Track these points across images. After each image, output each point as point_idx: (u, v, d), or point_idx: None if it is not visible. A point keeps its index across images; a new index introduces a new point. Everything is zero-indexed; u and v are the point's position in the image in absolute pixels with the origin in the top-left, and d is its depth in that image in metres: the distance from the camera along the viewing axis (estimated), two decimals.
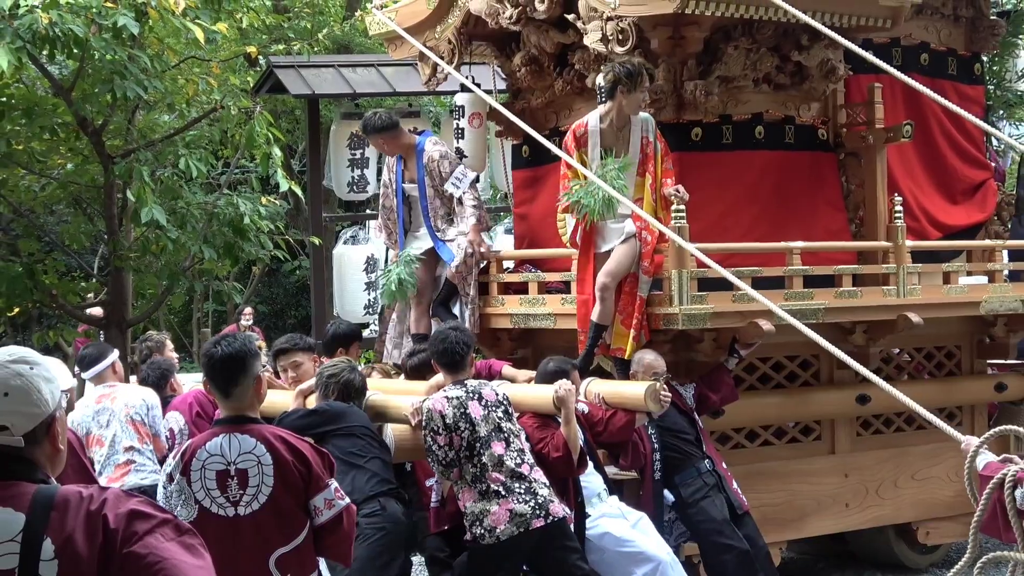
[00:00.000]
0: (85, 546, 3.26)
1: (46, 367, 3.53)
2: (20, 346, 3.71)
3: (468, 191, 10.36)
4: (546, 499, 7.56)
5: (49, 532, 3.26)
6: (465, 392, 7.70)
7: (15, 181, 14.02)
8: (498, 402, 7.76)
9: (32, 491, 3.33)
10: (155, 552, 3.28)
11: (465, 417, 7.56)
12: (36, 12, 11.36)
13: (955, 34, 11.54)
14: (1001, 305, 10.68)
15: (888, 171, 10.58)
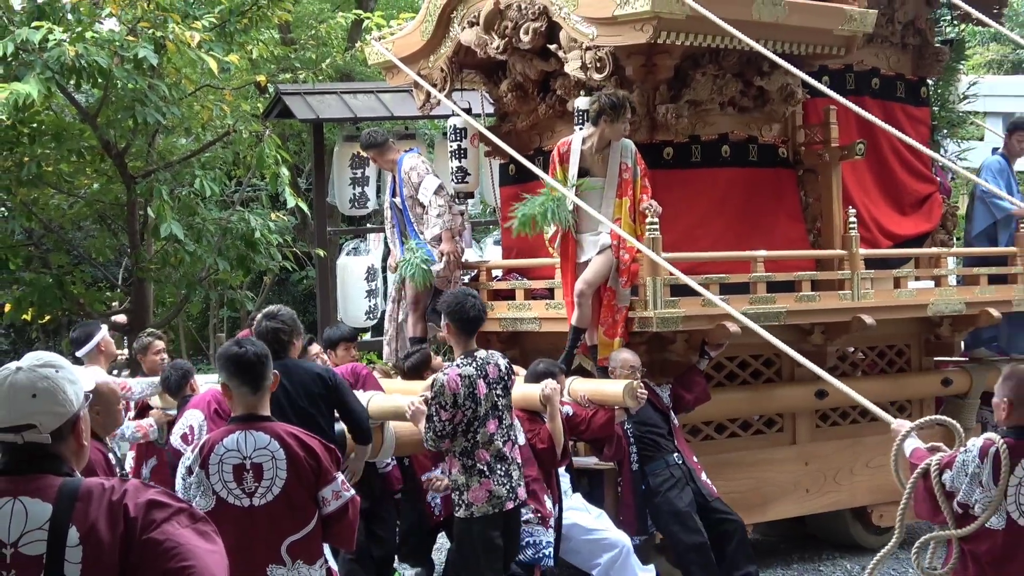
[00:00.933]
0: (108, 533, 3.28)
1: (70, 370, 3.56)
2: (48, 352, 3.73)
3: (433, 198, 10.33)
4: (516, 481, 7.56)
5: (74, 521, 3.27)
6: (475, 369, 7.53)
7: (45, 200, 13.99)
8: (499, 378, 7.64)
9: (58, 483, 3.35)
10: (172, 538, 3.29)
11: (472, 396, 7.44)
12: (64, 45, 11.35)
13: (903, 60, 11.56)
14: (946, 307, 10.71)
15: (842, 186, 10.61)
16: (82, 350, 9.87)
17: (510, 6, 10.10)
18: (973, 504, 5.37)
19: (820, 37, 9.81)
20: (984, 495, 5.34)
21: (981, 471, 5.34)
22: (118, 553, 3.28)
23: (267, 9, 13.34)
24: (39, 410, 3.42)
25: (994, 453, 5.34)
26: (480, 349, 7.75)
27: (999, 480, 5.32)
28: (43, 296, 13.68)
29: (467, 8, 10.53)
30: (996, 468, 5.32)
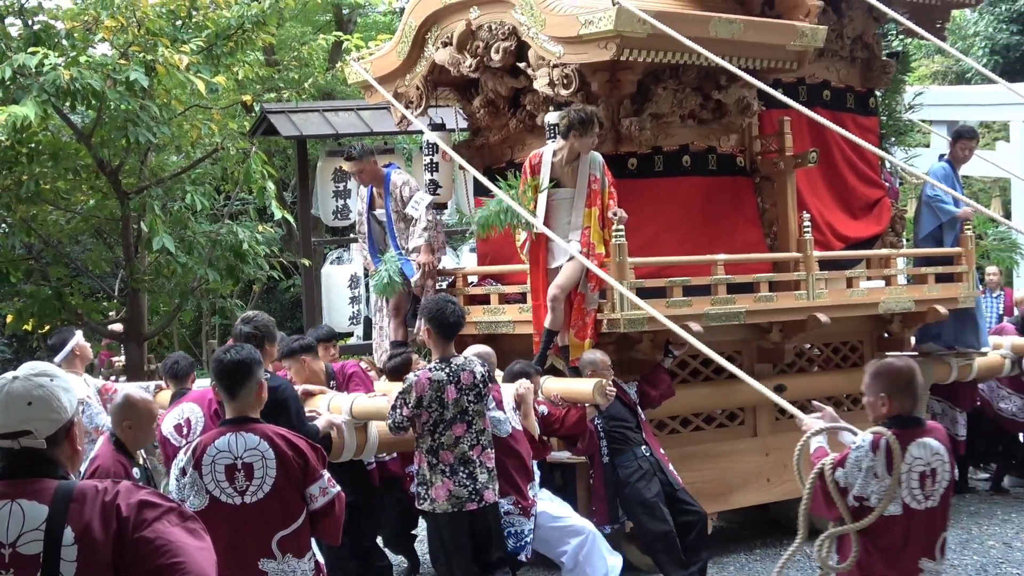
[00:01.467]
0: (101, 532, 3.29)
1: (64, 379, 3.58)
2: (44, 362, 3.75)
3: (424, 213, 10.34)
4: (483, 484, 7.52)
5: (69, 521, 3.29)
6: (447, 375, 7.53)
7: (44, 216, 13.96)
8: (473, 385, 7.58)
9: (54, 486, 3.37)
10: (162, 536, 3.32)
11: (439, 400, 7.45)
12: (59, 69, 11.36)
13: (852, 73, 11.59)
14: (897, 305, 10.76)
15: (797, 192, 10.63)
16: (58, 356, 9.87)
17: (481, 27, 10.12)
18: (869, 496, 5.37)
19: (774, 52, 9.84)
20: (880, 486, 5.35)
21: (875, 464, 5.35)
22: (111, 551, 3.30)
23: (251, 33, 13.36)
24: (35, 417, 3.43)
25: (885, 445, 5.35)
26: (458, 356, 7.75)
27: (892, 470, 5.35)
28: (43, 307, 13.69)
29: (441, 29, 10.54)
30: (889, 459, 5.34)
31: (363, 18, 22.39)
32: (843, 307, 10.44)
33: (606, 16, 8.92)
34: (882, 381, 5.64)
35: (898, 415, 5.55)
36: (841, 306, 10.40)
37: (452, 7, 10.33)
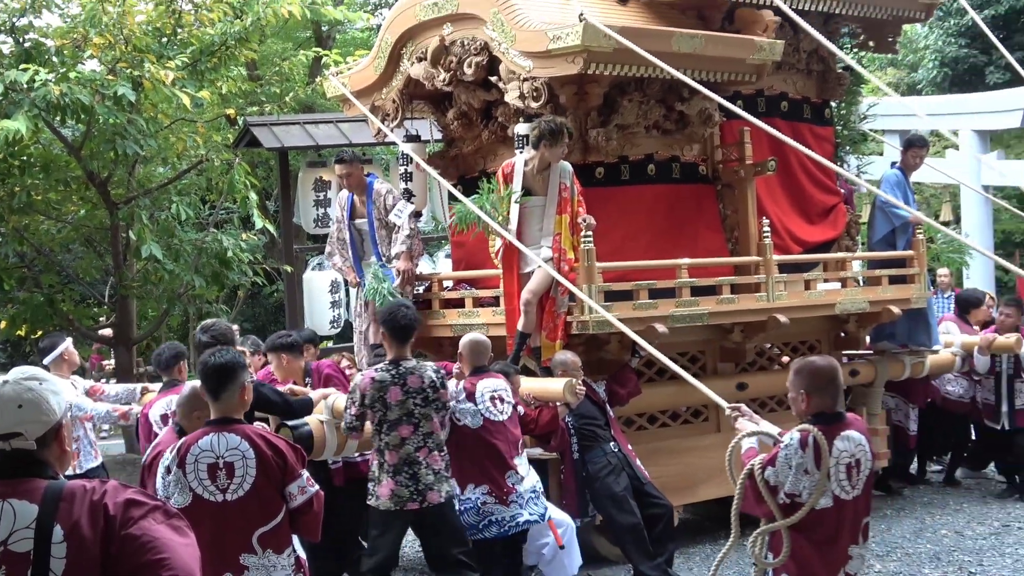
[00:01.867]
0: (89, 530, 3.30)
1: (53, 382, 3.59)
2: (33, 366, 3.76)
3: (407, 221, 10.34)
4: (427, 485, 7.50)
5: (59, 519, 3.29)
6: (391, 376, 7.55)
7: (36, 225, 13.94)
8: (421, 389, 7.57)
9: (44, 486, 3.37)
10: (148, 533, 3.33)
11: (381, 400, 7.49)
12: (49, 85, 11.36)
13: (808, 85, 11.61)
14: (852, 306, 10.78)
15: (756, 199, 10.65)
16: (47, 358, 9.98)
17: (454, 43, 10.11)
18: (801, 492, 5.37)
19: (734, 65, 9.86)
20: (810, 481, 5.36)
21: (805, 460, 5.35)
22: (99, 548, 3.30)
23: (234, 49, 13.38)
24: (25, 419, 3.43)
25: (813, 441, 5.35)
26: (411, 359, 7.75)
27: (821, 465, 5.35)
28: (36, 313, 13.69)
29: (416, 45, 10.53)
30: (817, 455, 5.35)
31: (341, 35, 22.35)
32: (801, 308, 10.44)
33: (573, 32, 8.92)
34: (803, 379, 5.65)
35: (820, 411, 5.56)
36: (799, 307, 10.40)
37: (426, 24, 10.32)
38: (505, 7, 9.53)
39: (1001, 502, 11.66)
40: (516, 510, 8.09)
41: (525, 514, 8.11)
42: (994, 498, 11.83)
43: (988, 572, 9.11)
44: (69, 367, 10.25)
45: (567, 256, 9.11)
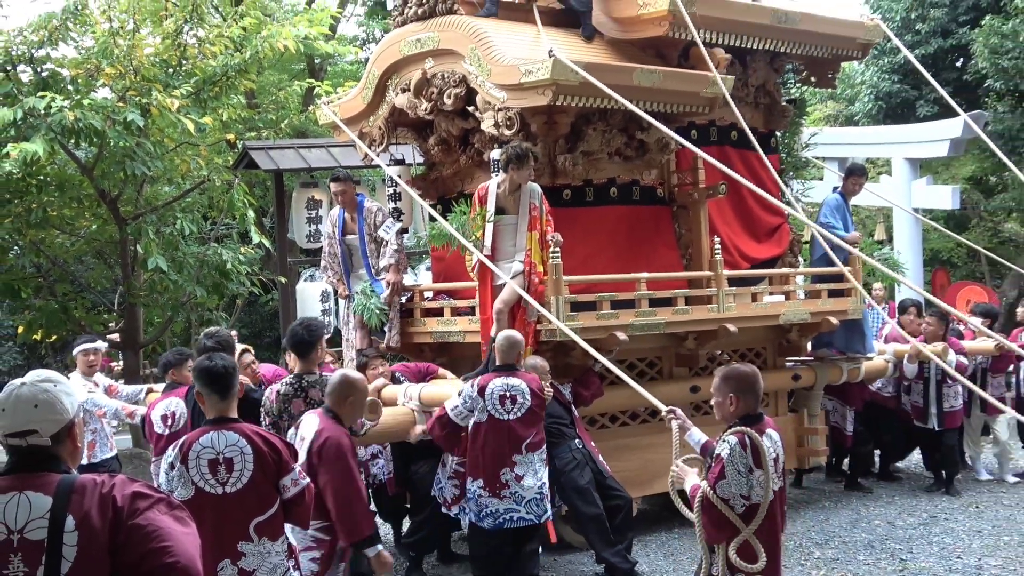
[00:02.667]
0: (99, 520, 3.30)
1: (66, 384, 3.60)
2: (48, 369, 3.79)
3: (394, 237, 10.33)
4: None
5: (71, 510, 3.30)
6: (294, 389, 7.51)
7: (51, 239, 13.90)
8: (320, 400, 7.40)
9: (57, 479, 3.38)
10: (153, 523, 3.34)
11: (287, 412, 7.47)
12: (64, 111, 11.35)
13: (756, 116, 11.64)
14: (795, 316, 10.81)
15: (708, 219, 10.69)
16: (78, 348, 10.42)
17: (435, 76, 10.11)
18: (751, 493, 5.37)
19: (689, 98, 9.89)
20: (755, 480, 5.36)
21: (747, 459, 5.36)
22: (108, 536, 3.30)
23: (235, 79, 13.37)
24: (40, 418, 3.45)
25: (749, 440, 5.37)
26: (314, 374, 7.63)
27: (760, 461, 5.36)
28: (50, 319, 13.69)
29: (400, 77, 10.52)
30: (755, 453, 5.36)
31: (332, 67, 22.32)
32: (749, 318, 10.47)
33: (543, 67, 8.94)
34: (731, 384, 5.65)
35: (746, 413, 5.57)
36: (747, 318, 10.43)
37: (410, 58, 10.32)
38: (482, 44, 9.54)
39: (929, 496, 11.71)
40: (511, 505, 8.00)
41: (522, 511, 8.01)
42: (923, 492, 11.89)
43: (917, 560, 9.15)
44: (97, 364, 10.47)
45: (536, 269, 9.12)
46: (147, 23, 13.89)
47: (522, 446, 8.06)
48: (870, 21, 11.94)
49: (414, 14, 10.35)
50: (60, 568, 3.26)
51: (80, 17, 12.81)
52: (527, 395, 8.08)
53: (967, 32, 21.13)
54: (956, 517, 10.67)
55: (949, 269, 24.51)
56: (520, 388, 8.10)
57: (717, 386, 5.73)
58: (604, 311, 9.40)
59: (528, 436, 8.11)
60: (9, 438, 3.46)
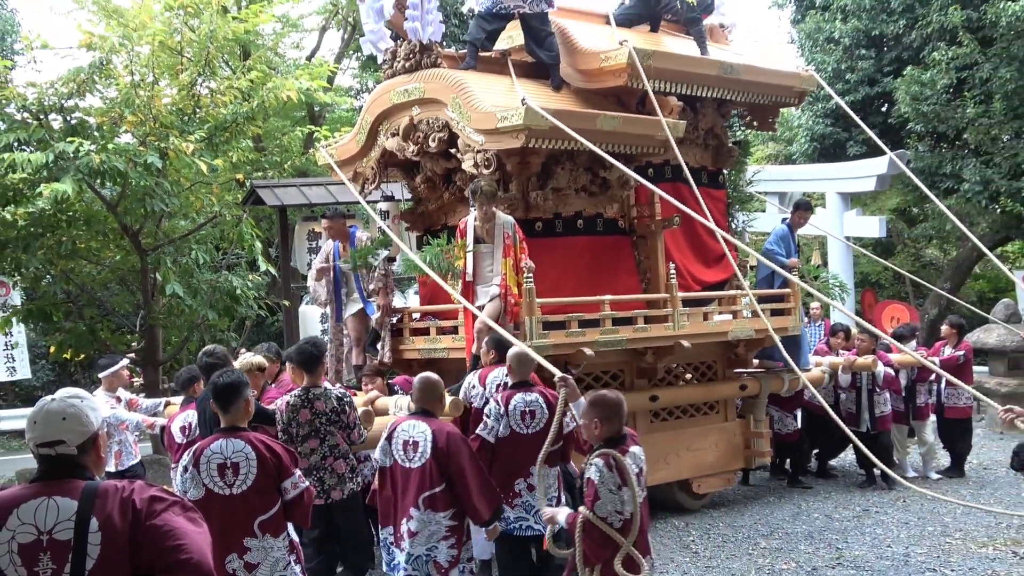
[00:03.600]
0: (120, 521, 3.32)
1: (91, 400, 3.63)
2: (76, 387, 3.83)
3: (383, 263, 10.29)
4: (331, 486, 7.62)
5: (95, 513, 3.32)
6: (301, 401, 7.56)
7: (79, 268, 13.84)
8: (326, 411, 7.57)
9: (82, 485, 3.40)
10: (168, 523, 3.36)
11: (295, 420, 7.55)
12: (91, 154, 11.40)
13: (705, 156, 11.69)
14: (741, 333, 10.83)
15: (664, 247, 10.71)
16: (104, 372, 10.30)
17: (421, 121, 10.11)
18: (623, 508, 5.30)
19: (646, 140, 9.92)
20: (623, 497, 5.28)
21: (615, 478, 5.28)
22: (128, 536, 3.32)
23: (243, 126, 13.40)
24: (68, 429, 3.48)
25: (614, 461, 5.28)
26: (320, 387, 7.67)
27: (626, 479, 5.28)
28: (79, 340, 13.64)
29: (390, 123, 10.51)
30: (621, 471, 5.29)
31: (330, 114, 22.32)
32: (701, 335, 10.47)
33: (517, 113, 8.97)
34: (596, 409, 5.54)
35: (610, 436, 5.47)
36: (699, 334, 10.43)
37: (399, 106, 10.31)
38: (462, 93, 9.56)
39: (862, 491, 11.73)
40: (521, 514, 7.55)
41: (531, 521, 7.53)
42: (856, 488, 11.91)
43: (852, 549, 9.15)
44: (119, 382, 10.40)
45: (512, 292, 9.10)
46: (165, 76, 13.87)
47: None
48: (805, 72, 12.02)
49: (402, 67, 10.36)
50: (85, 565, 3.27)
51: (105, 71, 12.80)
52: (544, 409, 7.61)
53: (891, 81, 21.27)
54: (886, 510, 10.68)
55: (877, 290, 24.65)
56: (538, 403, 7.62)
57: (585, 411, 5.64)
58: (572, 330, 9.40)
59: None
60: (40, 447, 3.48)
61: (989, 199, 19.58)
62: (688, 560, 8.96)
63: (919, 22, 20.69)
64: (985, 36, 19.04)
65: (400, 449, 6.60)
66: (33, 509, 3.32)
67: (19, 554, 3.28)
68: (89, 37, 13.20)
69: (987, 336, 15.82)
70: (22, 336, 19.14)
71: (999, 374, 16.06)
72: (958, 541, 9.33)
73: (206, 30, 13.24)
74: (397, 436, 6.64)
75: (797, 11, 24.59)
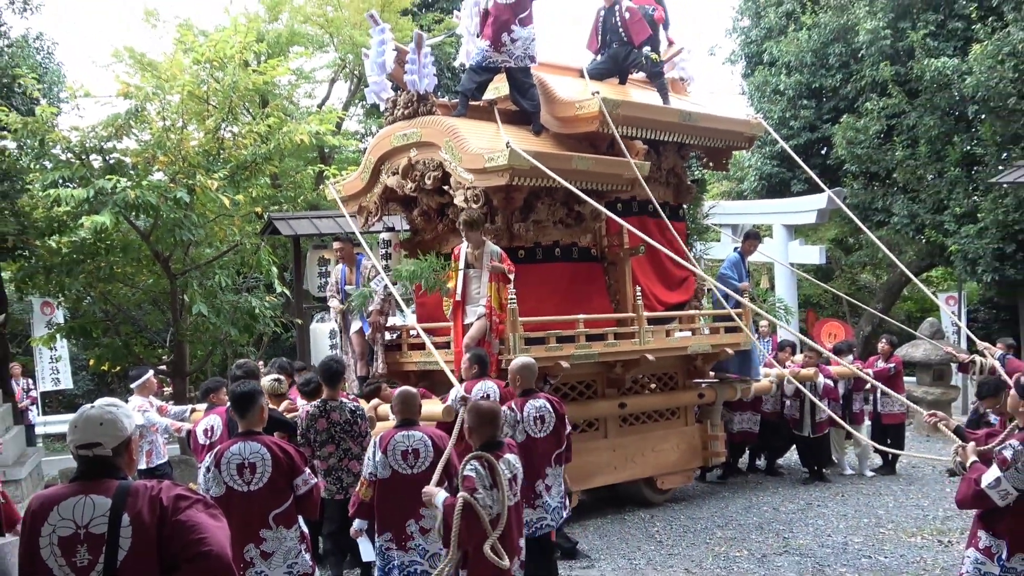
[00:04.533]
0: (148, 517, 3.34)
1: (126, 408, 3.66)
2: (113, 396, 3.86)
3: (379, 288, 10.24)
4: (348, 484, 7.54)
5: (126, 509, 3.34)
6: (319, 411, 7.57)
7: (116, 291, 13.81)
8: (341, 421, 7.55)
9: (116, 485, 3.43)
10: (192, 519, 3.38)
11: (313, 428, 7.55)
12: (127, 190, 11.45)
13: (668, 192, 11.69)
14: (700, 348, 10.83)
15: (632, 273, 10.70)
16: (135, 383, 10.15)
17: (418, 162, 10.11)
18: (492, 505, 5.23)
19: (615, 179, 9.94)
20: (493, 496, 5.23)
21: (487, 478, 5.23)
22: (155, 531, 3.34)
23: (262, 165, 13.43)
24: (104, 434, 3.50)
25: (487, 463, 5.24)
26: (336, 400, 7.64)
27: (497, 480, 5.24)
28: (116, 354, 13.64)
29: (391, 163, 10.51)
30: (492, 472, 5.25)
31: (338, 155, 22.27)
32: (664, 350, 10.46)
33: (502, 154, 8.99)
34: (470, 417, 5.50)
35: (485, 442, 5.39)
36: (662, 349, 10.42)
37: (399, 148, 10.32)
38: (454, 137, 9.57)
39: (805, 487, 11.72)
40: (542, 514, 7.25)
41: (549, 519, 7.27)
42: (800, 484, 11.90)
43: (797, 538, 9.14)
44: (149, 390, 10.31)
45: (497, 312, 9.08)
46: (193, 121, 13.87)
47: (551, 459, 7.35)
48: (754, 120, 12.06)
49: (401, 114, 10.37)
50: (117, 556, 3.29)
51: (140, 117, 12.80)
52: (552, 413, 7.35)
53: (829, 127, 21.37)
54: (826, 504, 10.67)
55: (817, 310, 24.67)
56: (546, 408, 7.34)
57: (466, 418, 5.60)
58: (551, 344, 9.39)
59: (556, 450, 7.39)
60: (79, 449, 3.49)
61: (915, 231, 19.69)
62: (653, 548, 8.93)
63: (854, 76, 20.82)
64: (911, 88, 19.16)
65: (400, 459, 6.19)
66: (72, 506, 3.34)
67: (59, 546, 3.30)
68: (126, 87, 13.23)
69: (914, 350, 15.83)
70: (65, 350, 19.03)
71: (925, 384, 16.08)
72: (890, 531, 9.33)
73: (229, 81, 13.25)
74: (393, 448, 6.20)
75: (747, 66, 24.70)
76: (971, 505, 5.11)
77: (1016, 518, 4.98)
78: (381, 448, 6.22)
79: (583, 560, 8.54)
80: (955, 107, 18.40)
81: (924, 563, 8.15)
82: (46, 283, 13.29)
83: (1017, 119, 16.73)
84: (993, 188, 17.36)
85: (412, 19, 20.67)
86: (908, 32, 18.99)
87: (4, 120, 12.41)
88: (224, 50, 13.60)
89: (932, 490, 11.31)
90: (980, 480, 4.98)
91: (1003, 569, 5.06)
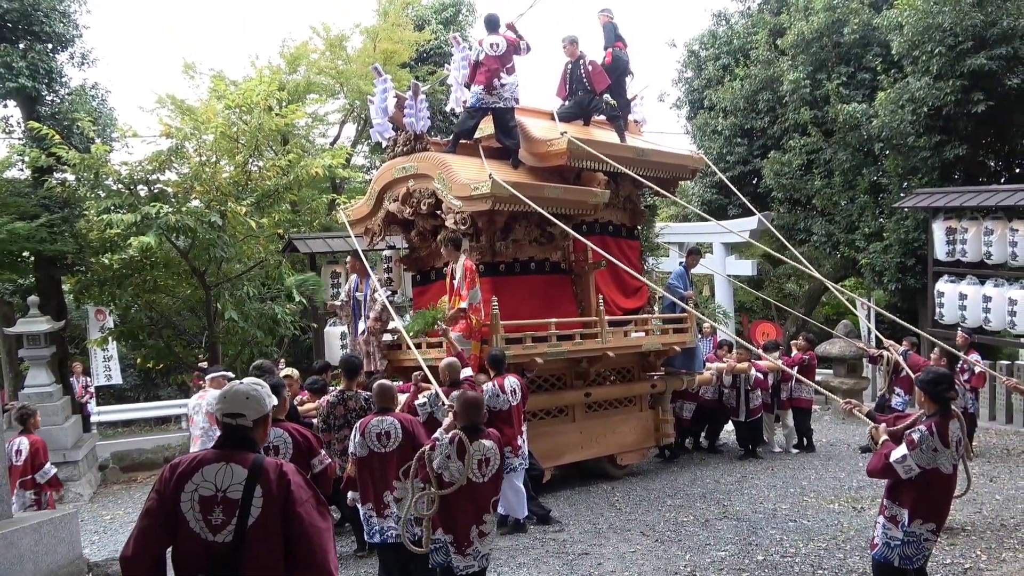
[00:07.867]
0: (277, 492, 3.28)
1: (267, 389, 3.59)
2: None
3: (379, 298, 10.17)
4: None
5: (260, 482, 3.27)
6: (338, 400, 7.48)
7: (159, 300, 13.74)
8: (356, 409, 7.41)
9: (252, 457, 3.35)
10: (308, 517, 3.31)
11: (332, 414, 7.47)
12: (168, 215, 11.37)
13: (624, 216, 11.69)
14: (652, 346, 10.82)
15: (595, 283, 10.70)
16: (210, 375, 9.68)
17: (415, 190, 10.08)
18: (443, 473, 5.21)
19: (580, 205, 9.94)
20: (455, 467, 5.18)
21: (450, 451, 5.19)
22: (281, 508, 3.27)
23: (283, 194, 13.43)
24: (248, 407, 3.44)
25: (457, 439, 5.20)
26: (353, 391, 7.54)
27: (462, 456, 5.18)
28: (159, 354, 13.57)
29: (392, 192, 10.48)
30: (460, 449, 5.18)
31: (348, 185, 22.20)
32: (622, 348, 10.45)
33: (486, 184, 8.99)
34: (458, 403, 5.42)
35: (467, 424, 5.29)
36: (621, 347, 10.41)
37: (398, 179, 10.29)
38: (446, 170, 9.56)
39: (740, 462, 11.73)
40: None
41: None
42: (737, 460, 11.91)
43: (734, 505, 9.14)
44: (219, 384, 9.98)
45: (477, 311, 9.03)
46: (224, 157, 13.79)
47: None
48: (696, 155, 12.10)
49: (401, 151, 10.35)
50: (247, 520, 3.24)
51: (179, 154, 12.75)
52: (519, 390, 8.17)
53: (759, 161, 21.48)
54: (759, 476, 10.69)
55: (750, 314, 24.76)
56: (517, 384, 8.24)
57: (455, 403, 5.51)
58: (527, 344, 9.37)
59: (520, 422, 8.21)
60: (225, 417, 3.42)
61: (831, 247, 19.80)
62: (614, 515, 8.91)
63: (779, 119, 20.94)
64: (827, 129, 19.27)
65: (375, 440, 6.17)
66: (215, 471, 3.28)
67: (199, 503, 3.25)
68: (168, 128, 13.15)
69: (832, 347, 15.91)
70: (115, 351, 18.88)
71: (840, 375, 16.16)
72: (812, 499, 9.35)
73: (256, 123, 13.21)
74: (370, 431, 6.18)
75: (691, 110, 24.78)
76: (880, 475, 5.16)
77: (918, 490, 5.04)
78: (360, 431, 6.21)
79: (555, 525, 8.51)
80: (864, 144, 18.52)
81: (841, 526, 8.17)
82: (100, 294, 13.22)
83: (915, 154, 16.87)
84: (896, 212, 17.48)
85: (410, 71, 20.65)
86: (824, 82, 19.15)
87: (65, 157, 12.35)
88: (251, 97, 13.57)
89: (848, 464, 11.35)
90: (890, 455, 5.05)
91: (905, 533, 5.11)
